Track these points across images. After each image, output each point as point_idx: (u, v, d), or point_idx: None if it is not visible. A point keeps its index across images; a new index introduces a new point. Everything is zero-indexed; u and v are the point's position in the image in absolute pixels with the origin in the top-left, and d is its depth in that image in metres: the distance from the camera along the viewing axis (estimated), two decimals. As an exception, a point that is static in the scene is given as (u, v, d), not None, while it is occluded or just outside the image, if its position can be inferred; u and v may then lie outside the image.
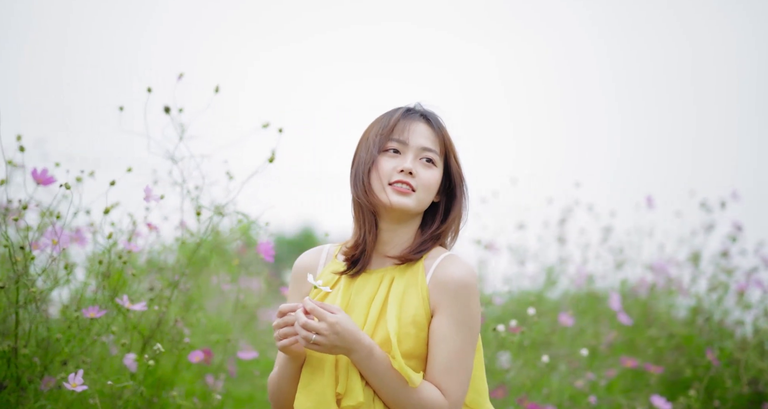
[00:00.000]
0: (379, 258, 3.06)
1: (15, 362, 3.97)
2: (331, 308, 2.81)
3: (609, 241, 6.52)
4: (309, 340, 2.78)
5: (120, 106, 4.32)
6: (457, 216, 3.11)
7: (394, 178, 2.99)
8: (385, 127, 3.04)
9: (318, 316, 2.79)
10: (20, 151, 4.07)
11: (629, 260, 6.51)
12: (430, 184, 3.01)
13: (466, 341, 2.90)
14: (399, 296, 2.94)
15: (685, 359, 5.76)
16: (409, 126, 3.03)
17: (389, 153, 3.02)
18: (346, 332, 2.78)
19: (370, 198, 3.01)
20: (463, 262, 2.97)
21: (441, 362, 2.88)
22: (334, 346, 2.79)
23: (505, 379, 5.36)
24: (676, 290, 6.37)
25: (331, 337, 2.77)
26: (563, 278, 6.49)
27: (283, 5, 12.42)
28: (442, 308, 2.91)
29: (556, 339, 5.45)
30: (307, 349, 2.84)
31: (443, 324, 2.89)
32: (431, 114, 3.11)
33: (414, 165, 2.99)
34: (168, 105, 4.46)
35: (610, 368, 5.61)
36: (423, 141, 3.02)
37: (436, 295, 2.92)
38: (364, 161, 3.04)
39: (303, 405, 2.90)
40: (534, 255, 6.53)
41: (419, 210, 3.03)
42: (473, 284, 2.93)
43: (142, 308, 3.96)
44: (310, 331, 2.78)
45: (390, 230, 3.04)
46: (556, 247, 6.46)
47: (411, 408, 2.86)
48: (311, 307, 2.80)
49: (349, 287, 3.03)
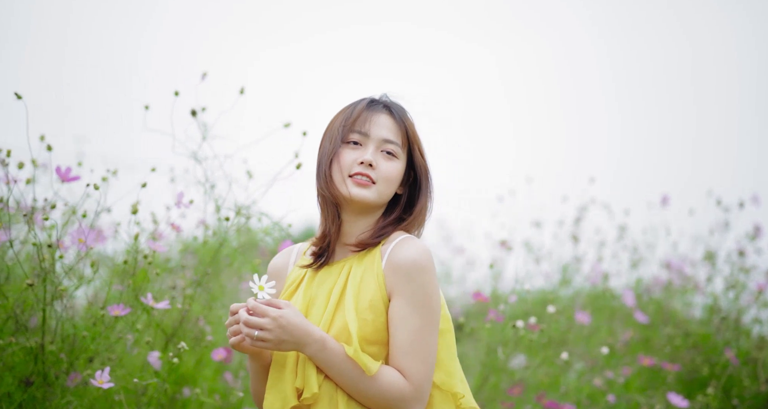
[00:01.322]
0: (342, 249, 3.07)
1: (42, 358, 4.00)
2: (279, 303, 2.82)
3: (624, 239, 6.53)
4: (252, 336, 2.78)
5: (146, 105, 4.36)
6: (422, 208, 3.12)
7: (354, 170, 3.00)
8: (347, 119, 3.04)
9: (259, 313, 2.79)
10: (48, 150, 4.11)
11: (644, 258, 6.51)
12: (390, 176, 3.02)
13: (424, 322, 2.87)
14: (356, 284, 2.93)
15: (702, 358, 5.76)
16: (371, 117, 3.03)
17: (350, 145, 3.03)
18: (291, 325, 2.78)
19: (332, 190, 3.02)
20: (416, 243, 2.95)
21: (401, 345, 2.86)
22: (281, 340, 2.79)
23: (522, 376, 5.38)
24: (691, 288, 6.37)
25: (276, 331, 2.77)
26: (577, 277, 6.49)
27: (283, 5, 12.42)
28: (397, 290, 2.89)
29: (573, 337, 5.45)
30: (257, 346, 2.83)
31: (400, 307, 2.88)
32: (394, 105, 3.11)
33: (375, 157, 3.00)
34: (194, 108, 4.52)
35: (626, 366, 5.61)
36: (384, 133, 3.03)
37: (391, 278, 2.91)
38: (326, 153, 3.05)
39: (272, 405, 2.92)
40: (548, 253, 6.54)
41: (380, 202, 3.04)
42: (427, 264, 2.90)
43: (166, 306, 4.00)
44: (253, 327, 2.78)
45: (352, 222, 3.05)
46: (571, 245, 6.46)
47: (373, 397, 2.85)
48: (253, 305, 2.81)
49: (312, 281, 3.04)
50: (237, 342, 2.87)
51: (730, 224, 6.46)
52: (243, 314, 2.81)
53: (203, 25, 12.46)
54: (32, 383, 4.03)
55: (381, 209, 3.08)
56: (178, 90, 4.43)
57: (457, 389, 2.98)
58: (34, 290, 4.01)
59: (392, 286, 2.89)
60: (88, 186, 3.93)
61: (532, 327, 4.70)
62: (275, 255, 3.29)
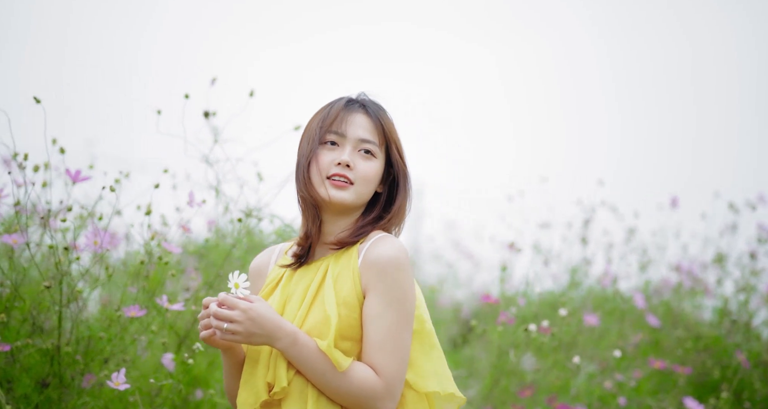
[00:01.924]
0: (321, 249, 3.07)
1: (58, 360, 4.03)
2: (251, 298, 2.83)
3: (632, 241, 6.55)
4: (221, 328, 2.79)
5: (158, 110, 4.37)
6: (401, 206, 3.12)
7: (332, 171, 2.99)
8: (324, 120, 3.03)
9: (230, 305, 2.80)
10: (61, 153, 4.13)
11: (653, 260, 6.53)
12: (368, 176, 3.02)
13: (397, 319, 2.88)
14: (333, 280, 2.94)
15: (713, 361, 5.77)
16: (348, 117, 3.03)
17: (328, 145, 3.03)
18: (262, 318, 2.79)
19: (311, 191, 3.01)
20: (392, 240, 2.95)
21: (373, 341, 2.86)
22: (251, 333, 2.80)
23: (533, 379, 5.41)
24: (701, 291, 6.39)
25: (246, 323, 2.78)
26: (586, 279, 6.50)
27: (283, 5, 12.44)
28: (371, 287, 2.90)
29: (583, 340, 5.47)
30: (227, 339, 2.83)
31: (374, 303, 2.88)
32: (371, 104, 3.11)
33: (352, 157, 3.00)
34: (207, 110, 4.54)
35: (636, 369, 5.62)
36: (361, 132, 3.02)
37: (366, 275, 2.91)
38: (304, 154, 3.05)
39: (245, 401, 2.93)
40: (557, 255, 6.55)
41: (359, 203, 3.04)
42: (402, 261, 2.90)
43: (180, 308, 4.02)
44: (223, 320, 2.79)
45: (332, 222, 3.05)
46: (580, 248, 6.48)
47: (344, 393, 2.85)
48: (223, 297, 2.82)
49: (290, 280, 3.05)
50: (207, 336, 2.88)
51: (738, 226, 6.47)
52: (213, 306, 2.82)
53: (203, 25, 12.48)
54: (48, 384, 4.05)
55: (361, 208, 3.09)
56: (187, 93, 4.44)
57: (430, 389, 2.97)
58: (50, 292, 4.03)
59: (367, 282, 2.90)
60: (103, 189, 3.95)
61: (543, 330, 4.73)
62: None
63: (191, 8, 12.19)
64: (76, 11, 11.67)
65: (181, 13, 12.17)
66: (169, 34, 12.68)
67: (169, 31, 12.32)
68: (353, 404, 2.86)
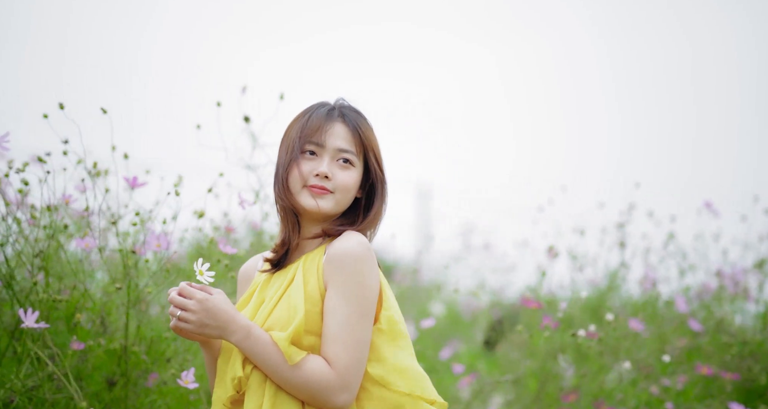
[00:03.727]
0: (297, 253, 3.15)
1: (125, 359, 4.18)
2: (210, 289, 2.92)
3: (670, 246, 6.59)
4: (174, 315, 2.89)
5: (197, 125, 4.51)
6: (377, 213, 3.18)
7: (311, 181, 3.07)
8: (303, 129, 3.11)
9: (186, 294, 2.89)
10: (125, 158, 4.28)
11: (693, 265, 6.56)
12: (347, 185, 3.09)
13: (353, 311, 2.92)
14: (303, 277, 3.01)
15: (760, 367, 5.81)
16: (326, 127, 3.10)
17: (307, 155, 3.10)
18: (216, 309, 2.88)
19: (290, 200, 3.10)
20: (354, 235, 3.01)
21: (328, 332, 2.91)
22: (204, 324, 2.88)
23: (578, 384, 5.49)
24: (742, 296, 6.44)
25: (200, 313, 2.87)
26: (625, 284, 6.55)
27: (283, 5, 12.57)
28: (330, 281, 2.95)
29: (627, 345, 5.54)
30: (180, 327, 2.90)
31: (331, 296, 2.93)
32: (349, 112, 3.16)
33: (330, 167, 3.08)
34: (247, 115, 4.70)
35: (681, 374, 5.69)
36: (339, 142, 3.10)
37: (327, 270, 2.97)
38: (283, 163, 3.12)
39: (218, 398, 3.04)
40: (594, 261, 6.61)
41: (338, 210, 3.12)
42: (361, 254, 2.95)
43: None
44: (178, 307, 2.89)
45: (311, 226, 3.14)
46: (617, 252, 6.52)
47: (298, 386, 2.91)
48: (182, 287, 2.90)
49: (267, 284, 3.13)
50: (173, 326, 2.95)
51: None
52: (172, 294, 2.92)
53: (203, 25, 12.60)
54: (115, 383, 4.21)
55: (339, 214, 3.16)
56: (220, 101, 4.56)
57: (403, 389, 3.00)
58: (118, 293, 4.19)
59: (327, 277, 2.96)
60: (168, 194, 4.10)
61: (590, 335, 4.81)
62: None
63: (191, 8, 12.31)
64: (76, 11, 11.76)
65: (181, 13, 12.29)
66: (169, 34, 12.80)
67: (169, 31, 12.44)
68: (308, 396, 2.92)
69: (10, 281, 4.05)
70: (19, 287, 4.11)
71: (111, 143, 4.28)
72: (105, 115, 4.10)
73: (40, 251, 4.06)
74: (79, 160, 4.23)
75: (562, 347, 5.20)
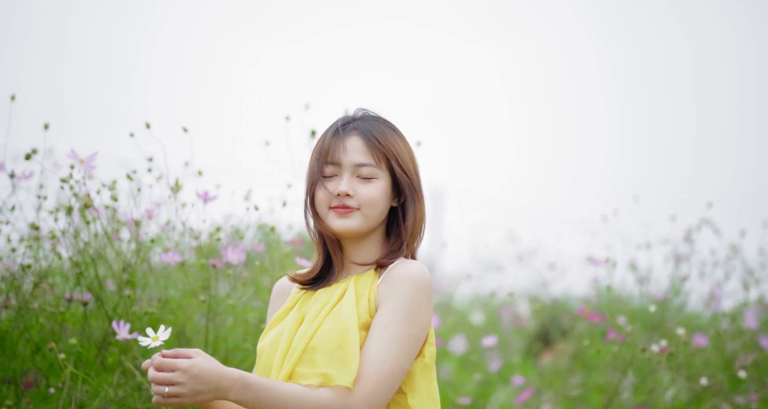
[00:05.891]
0: (345, 271, 3.08)
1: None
2: (188, 352, 2.70)
3: (734, 259, 6.59)
4: (162, 393, 2.64)
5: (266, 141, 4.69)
6: (415, 219, 3.09)
7: (333, 203, 3.00)
8: (320, 152, 3.06)
9: (167, 367, 2.65)
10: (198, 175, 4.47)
11: (759, 279, 6.59)
12: (372, 198, 3.00)
13: (400, 339, 2.83)
14: (352, 295, 2.92)
15: None
16: (340, 145, 3.03)
17: (328, 178, 3.04)
18: (205, 372, 2.64)
19: (322, 225, 3.04)
20: (416, 263, 2.94)
21: (367, 351, 2.80)
22: (197, 392, 2.63)
23: (645, 399, 5.58)
24: None
25: (189, 383, 2.62)
26: (687, 297, 6.59)
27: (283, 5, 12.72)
28: (382, 301, 2.87)
29: (695, 360, 5.54)
30: (171, 404, 2.65)
31: (381, 317, 2.84)
32: (363, 122, 3.09)
33: (350, 184, 3.00)
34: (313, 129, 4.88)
35: (754, 392, 5.58)
36: (356, 157, 3.02)
37: (382, 292, 2.89)
38: (307, 189, 3.09)
39: None
40: (657, 274, 6.62)
41: (370, 225, 3.04)
42: (422, 283, 2.88)
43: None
44: (163, 384, 2.64)
45: (354, 246, 3.07)
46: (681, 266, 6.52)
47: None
48: (158, 361, 2.66)
49: (308, 299, 3.05)
50: (156, 402, 2.71)
51: None
52: (152, 371, 2.66)
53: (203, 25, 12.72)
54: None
55: (380, 227, 3.10)
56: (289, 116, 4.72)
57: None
58: (196, 304, 4.40)
59: (381, 298, 2.88)
60: (248, 209, 4.30)
61: (659, 351, 4.81)
62: None
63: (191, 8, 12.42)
64: (76, 11, 11.85)
65: (181, 14, 12.40)
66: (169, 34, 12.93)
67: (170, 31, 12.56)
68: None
69: (99, 294, 4.24)
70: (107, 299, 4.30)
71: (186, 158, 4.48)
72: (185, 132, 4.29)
73: (127, 265, 4.25)
74: (159, 176, 4.42)
75: (634, 363, 5.21)
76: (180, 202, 4.44)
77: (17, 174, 4.31)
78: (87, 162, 4.04)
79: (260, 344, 3.02)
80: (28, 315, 4.22)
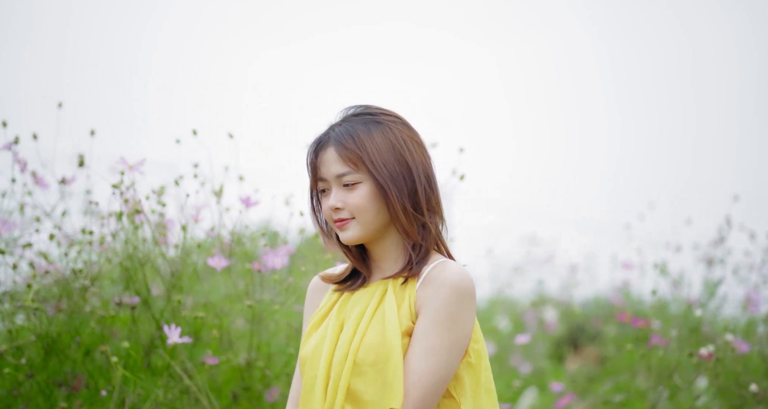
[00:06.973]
0: (377, 272, 3.10)
1: (249, 374, 4.45)
2: None
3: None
4: None
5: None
6: (405, 210, 3.00)
7: (332, 218, 3.04)
8: (309, 172, 3.11)
9: None
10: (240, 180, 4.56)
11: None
12: (359, 205, 3.00)
13: (443, 344, 2.84)
14: (392, 301, 2.93)
15: None
16: (318, 160, 3.06)
17: (323, 194, 3.08)
18: None
19: (332, 241, 3.11)
20: (455, 266, 2.93)
21: (410, 360, 2.83)
22: None
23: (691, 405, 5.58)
24: None
25: None
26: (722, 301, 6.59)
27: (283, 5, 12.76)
28: (422, 307, 2.88)
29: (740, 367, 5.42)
30: None
31: (420, 323, 2.85)
32: (337, 130, 3.06)
33: (338, 196, 3.01)
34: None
35: None
36: (334, 168, 3.02)
37: (422, 297, 2.89)
38: (313, 209, 3.15)
39: None
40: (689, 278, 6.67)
41: (372, 229, 3.03)
42: (463, 286, 2.88)
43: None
44: None
45: (378, 249, 3.08)
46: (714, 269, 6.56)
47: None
48: None
49: (346, 303, 3.07)
50: None
51: None
52: None
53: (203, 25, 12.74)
54: (237, 397, 4.49)
55: (391, 224, 3.06)
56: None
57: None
58: (241, 309, 4.49)
59: (420, 305, 2.89)
60: (292, 215, 4.39)
61: (707, 356, 4.84)
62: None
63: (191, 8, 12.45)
64: (76, 11, 11.87)
65: (181, 14, 12.43)
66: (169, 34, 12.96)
67: (169, 31, 12.59)
68: None
69: (147, 298, 4.33)
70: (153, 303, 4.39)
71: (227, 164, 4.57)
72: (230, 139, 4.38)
73: (175, 269, 4.34)
74: (203, 182, 4.51)
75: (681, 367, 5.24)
76: (224, 207, 4.53)
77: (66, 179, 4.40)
78: (135, 168, 4.12)
79: (302, 352, 3.05)
80: (79, 319, 4.30)
